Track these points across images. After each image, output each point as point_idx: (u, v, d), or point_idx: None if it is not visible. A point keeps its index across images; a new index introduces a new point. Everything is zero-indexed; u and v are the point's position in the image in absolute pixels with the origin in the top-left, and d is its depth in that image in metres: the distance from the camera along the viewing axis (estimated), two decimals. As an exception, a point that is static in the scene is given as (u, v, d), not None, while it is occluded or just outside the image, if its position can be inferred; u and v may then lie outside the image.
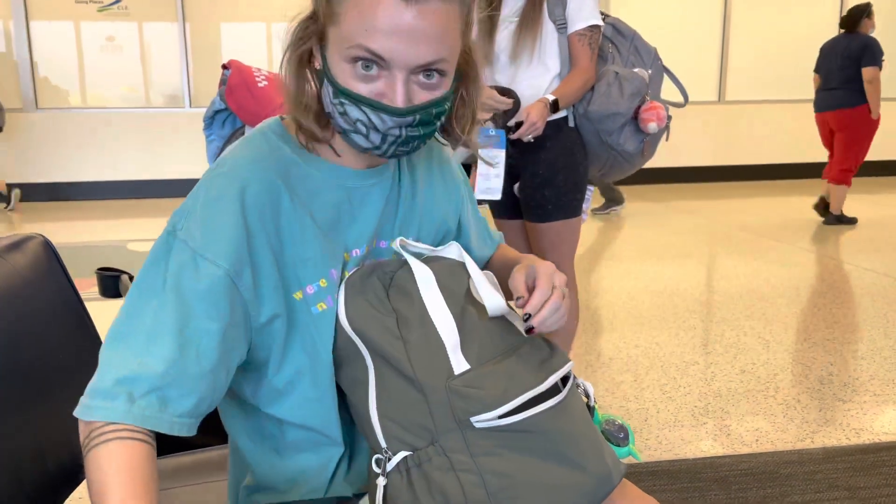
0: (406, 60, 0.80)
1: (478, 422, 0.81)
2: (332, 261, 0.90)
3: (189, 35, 7.26)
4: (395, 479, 0.84)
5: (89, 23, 7.13)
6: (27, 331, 1.02)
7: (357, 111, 0.83)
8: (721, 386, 2.63)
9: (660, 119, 2.07)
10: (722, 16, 7.89)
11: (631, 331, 3.23)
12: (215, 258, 0.81)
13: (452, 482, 0.81)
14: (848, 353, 2.93)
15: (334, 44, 0.82)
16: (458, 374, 0.83)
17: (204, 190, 0.85)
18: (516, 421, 0.82)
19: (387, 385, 0.85)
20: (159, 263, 0.82)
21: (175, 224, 0.84)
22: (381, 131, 0.84)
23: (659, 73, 2.16)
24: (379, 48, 0.79)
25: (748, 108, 8.03)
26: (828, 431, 2.28)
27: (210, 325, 0.81)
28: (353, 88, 0.82)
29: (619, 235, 5.31)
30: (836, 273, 4.21)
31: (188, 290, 0.80)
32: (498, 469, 0.81)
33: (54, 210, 6.70)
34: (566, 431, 0.85)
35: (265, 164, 0.87)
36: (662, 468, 2.05)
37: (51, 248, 1.13)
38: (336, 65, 0.83)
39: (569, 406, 0.87)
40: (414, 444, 0.84)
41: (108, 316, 1.77)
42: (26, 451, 0.96)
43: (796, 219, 5.87)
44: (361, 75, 0.81)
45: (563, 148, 2.12)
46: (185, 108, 7.29)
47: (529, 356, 0.88)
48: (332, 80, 0.84)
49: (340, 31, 0.81)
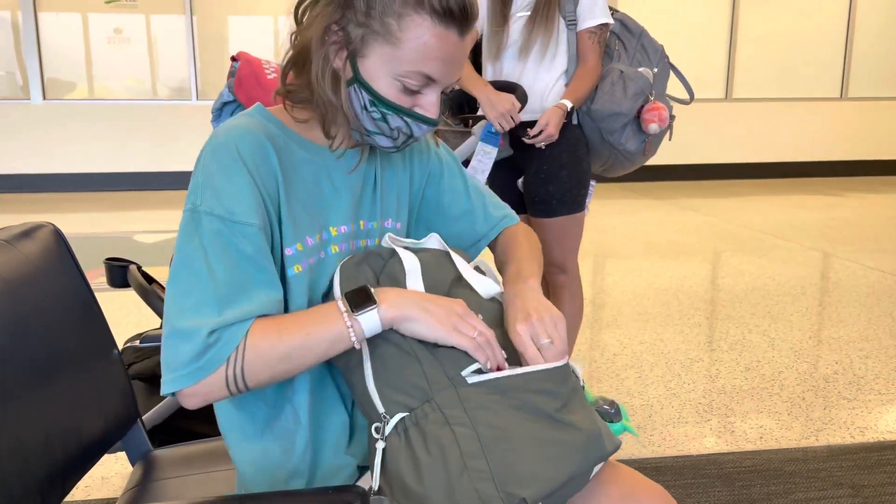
0: (450, 81, 0.94)
1: (470, 377, 0.87)
2: (309, 229, 0.96)
3: (196, 28, 7.26)
4: (393, 442, 0.86)
5: (97, 14, 7.14)
6: (37, 318, 1.02)
7: (398, 120, 0.93)
8: (725, 383, 2.63)
9: (661, 120, 2.06)
10: (729, 13, 7.86)
11: (636, 327, 3.23)
12: (246, 218, 0.87)
13: (447, 435, 0.84)
14: (853, 351, 2.93)
15: (382, 60, 0.90)
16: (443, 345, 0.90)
17: (208, 162, 0.90)
18: (510, 376, 0.87)
19: (380, 355, 0.90)
20: (192, 240, 0.87)
21: (194, 202, 0.88)
22: (413, 136, 0.96)
23: (665, 71, 2.15)
24: (434, 73, 0.91)
25: (755, 106, 8.00)
26: (832, 429, 2.28)
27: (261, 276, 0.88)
28: (397, 101, 0.92)
29: (625, 232, 5.30)
30: (842, 272, 4.20)
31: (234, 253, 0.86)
32: (491, 422, 0.84)
33: (62, 201, 6.72)
34: (557, 391, 0.89)
35: (253, 129, 0.93)
36: (666, 464, 2.05)
37: (61, 237, 1.14)
38: (378, 78, 0.91)
39: (563, 373, 0.92)
40: (410, 404, 0.87)
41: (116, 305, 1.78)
42: (35, 438, 0.96)
43: (802, 217, 5.86)
44: (408, 93, 0.92)
45: (567, 144, 2.13)
46: (192, 101, 7.30)
47: None
48: (371, 91, 0.91)
49: (396, 53, 0.89)
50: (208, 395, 0.85)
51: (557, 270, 2.24)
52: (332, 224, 0.99)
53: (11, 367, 0.95)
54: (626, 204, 6.53)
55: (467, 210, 1.16)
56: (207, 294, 0.84)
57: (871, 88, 8.18)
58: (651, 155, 2.19)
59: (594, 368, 2.77)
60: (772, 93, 8.04)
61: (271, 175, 0.92)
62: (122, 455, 2.00)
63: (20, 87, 7.16)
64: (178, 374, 0.84)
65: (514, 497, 0.80)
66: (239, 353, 0.84)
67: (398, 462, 0.85)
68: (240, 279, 0.86)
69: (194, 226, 0.87)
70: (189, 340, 0.83)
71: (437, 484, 0.82)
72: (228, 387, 0.85)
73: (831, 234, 5.20)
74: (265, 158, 0.92)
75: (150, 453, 1.25)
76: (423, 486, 0.83)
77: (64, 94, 7.22)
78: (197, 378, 0.84)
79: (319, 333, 0.86)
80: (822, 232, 5.29)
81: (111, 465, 2.06)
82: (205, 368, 0.83)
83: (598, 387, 2.60)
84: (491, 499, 0.80)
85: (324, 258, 0.98)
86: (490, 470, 0.82)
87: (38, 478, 0.95)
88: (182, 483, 1.17)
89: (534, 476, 0.82)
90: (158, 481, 1.18)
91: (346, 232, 1.00)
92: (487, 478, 0.81)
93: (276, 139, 0.95)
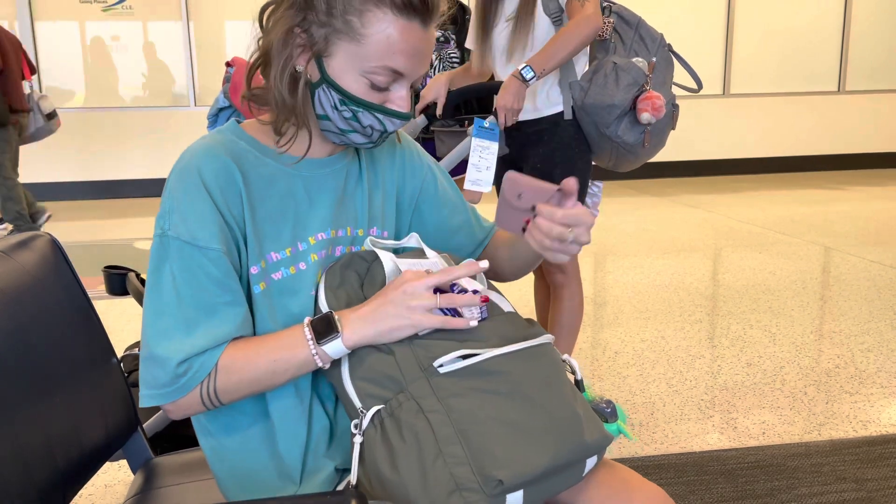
0: (417, 74, 0.94)
1: (441, 366, 0.87)
2: (276, 244, 0.96)
3: (193, 34, 7.27)
4: (369, 434, 0.87)
5: (94, 22, 7.14)
6: (35, 328, 1.03)
7: (371, 118, 0.94)
8: (727, 379, 2.63)
9: (655, 109, 2.00)
10: (726, 9, 7.86)
11: (636, 325, 3.23)
12: (208, 243, 0.90)
13: (422, 422, 0.84)
14: (854, 345, 2.93)
15: (348, 58, 0.91)
16: (424, 333, 0.90)
17: (172, 187, 0.92)
18: (479, 361, 0.87)
19: (356, 351, 0.91)
20: (163, 265, 0.90)
21: (162, 226, 0.91)
22: (387, 132, 0.97)
23: (665, 59, 2.10)
24: (400, 66, 0.91)
25: (753, 101, 8.00)
26: (835, 424, 2.28)
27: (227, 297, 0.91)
28: (366, 98, 0.92)
29: (625, 230, 5.30)
30: (843, 265, 4.19)
31: (201, 276, 0.89)
32: (464, 408, 0.84)
33: (60, 209, 6.72)
34: (531, 376, 0.88)
35: (216, 149, 0.95)
36: (669, 462, 2.05)
37: (58, 247, 1.14)
38: (346, 76, 0.92)
39: (538, 357, 0.91)
40: (384, 396, 0.88)
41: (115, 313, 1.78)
42: (35, 447, 0.96)
43: (801, 212, 5.86)
44: (377, 89, 0.92)
45: (559, 142, 2.11)
46: (190, 107, 7.30)
47: (503, 325, 0.94)
48: (340, 90, 0.92)
49: (361, 49, 0.90)
50: (187, 410, 0.92)
51: (556, 270, 2.24)
52: (311, 233, 0.99)
53: (11, 377, 0.95)
54: (626, 201, 6.53)
55: (465, 220, 1.17)
56: (178, 318, 0.89)
57: (869, 81, 8.18)
58: (656, 147, 2.13)
59: (596, 367, 2.76)
60: (770, 88, 8.04)
61: (236, 196, 0.93)
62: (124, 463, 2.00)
63: (18, 96, 7.16)
64: (154, 393, 0.90)
65: (490, 479, 0.80)
66: (211, 378, 0.89)
67: (374, 452, 0.85)
68: (208, 302, 0.89)
69: (164, 250, 0.90)
70: (161, 367, 0.88)
71: (412, 470, 0.82)
72: (204, 404, 0.91)
73: (832, 228, 5.20)
74: (229, 180, 0.93)
75: (151, 461, 1.25)
76: (398, 474, 0.82)
77: (62, 102, 7.23)
78: (171, 399, 0.89)
79: (287, 360, 0.90)
80: (823, 226, 5.29)
81: (114, 473, 2.07)
82: (178, 392, 0.89)
83: (600, 385, 2.60)
84: (467, 482, 0.80)
85: (304, 269, 0.98)
86: (466, 455, 0.81)
87: (39, 486, 0.95)
88: (183, 490, 1.18)
89: (510, 459, 0.81)
90: (160, 489, 1.18)
91: (325, 239, 1.00)
92: (463, 462, 0.81)
93: (244, 156, 0.96)
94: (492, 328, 0.93)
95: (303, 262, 0.97)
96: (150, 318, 0.90)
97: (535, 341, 0.92)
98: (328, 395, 1.00)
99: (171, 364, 0.87)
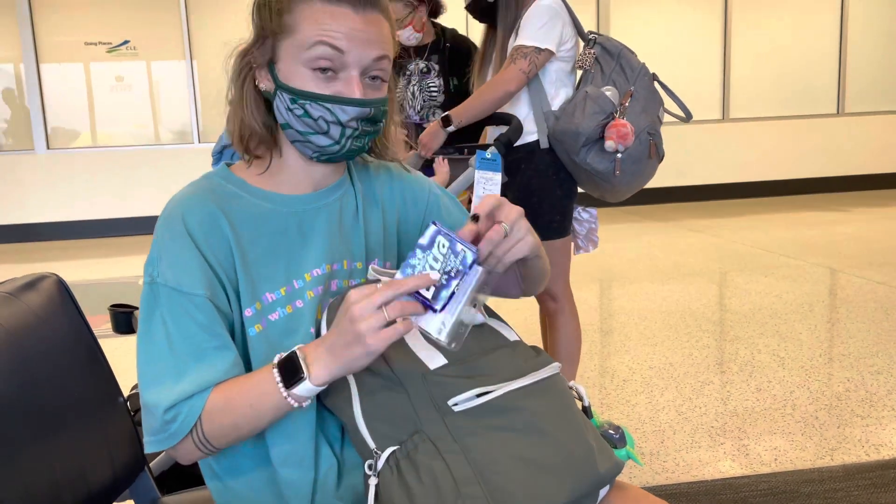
0: (360, 56, 0.92)
1: (456, 405, 0.86)
2: (271, 284, 0.96)
3: (197, 72, 7.36)
4: (385, 476, 0.86)
5: (99, 63, 7.25)
6: (42, 368, 1.03)
7: (320, 109, 0.93)
8: (737, 405, 2.60)
9: (621, 137, 2.00)
10: (722, 35, 7.94)
11: (644, 352, 3.21)
12: (192, 289, 0.91)
13: (439, 464, 0.83)
14: (864, 367, 2.91)
15: (290, 54, 0.93)
16: (436, 369, 0.89)
17: (160, 234, 0.94)
18: (493, 398, 0.86)
19: (369, 390, 0.90)
20: (154, 311, 0.91)
21: (151, 273, 0.92)
22: (342, 123, 0.93)
23: (646, 89, 2.11)
24: (338, 43, 0.90)
25: (752, 125, 8.04)
26: (847, 448, 2.25)
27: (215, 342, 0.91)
28: (316, 90, 0.92)
29: (629, 256, 5.30)
30: (849, 287, 4.18)
31: (190, 322, 0.90)
32: (481, 447, 0.84)
33: (68, 249, 6.76)
34: (544, 410, 0.88)
35: (199, 196, 0.96)
36: (681, 490, 2.03)
37: (64, 287, 1.15)
38: (293, 73, 0.93)
39: (549, 389, 0.91)
40: (399, 437, 0.87)
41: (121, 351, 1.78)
42: (42, 488, 0.96)
43: (805, 234, 5.85)
44: (321, 77, 0.92)
45: (535, 171, 2.16)
46: (194, 144, 7.37)
47: (510, 356, 0.93)
48: (288, 89, 0.93)
49: (296, 39, 0.92)
50: (190, 455, 0.92)
51: (548, 297, 2.26)
52: (306, 270, 0.98)
53: (17, 417, 0.95)
54: (630, 227, 6.53)
55: None
56: (167, 364, 0.89)
57: (868, 103, 8.22)
58: (637, 176, 2.10)
59: (604, 395, 2.75)
60: (769, 111, 8.09)
61: (222, 242, 0.94)
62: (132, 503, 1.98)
63: (24, 137, 7.25)
64: (151, 440, 0.91)
65: None
66: (199, 426, 0.89)
67: (391, 495, 0.84)
68: (197, 347, 0.90)
69: (153, 297, 0.91)
70: (151, 414, 0.90)
71: None
72: (200, 450, 0.91)
73: (836, 250, 5.18)
74: (214, 227, 0.94)
75: (158, 501, 1.24)
76: None
77: (68, 142, 7.30)
78: (167, 445, 0.90)
79: (263, 404, 0.88)
80: (827, 248, 5.28)
81: (121, 513, 2.05)
82: (171, 439, 0.89)
83: (609, 414, 2.57)
84: None
85: (301, 307, 0.96)
86: (485, 495, 0.81)
87: (45, 530, 0.95)
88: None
89: (529, 497, 0.81)
90: (167, 528, 1.17)
91: (321, 275, 0.98)
92: (483, 502, 0.81)
93: (231, 200, 0.97)
94: (501, 360, 0.92)
95: (299, 300, 0.97)
96: (141, 365, 0.91)
97: (545, 373, 0.92)
98: (335, 436, 0.98)
99: (160, 411, 0.88)
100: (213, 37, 7.34)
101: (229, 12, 7.32)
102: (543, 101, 2.15)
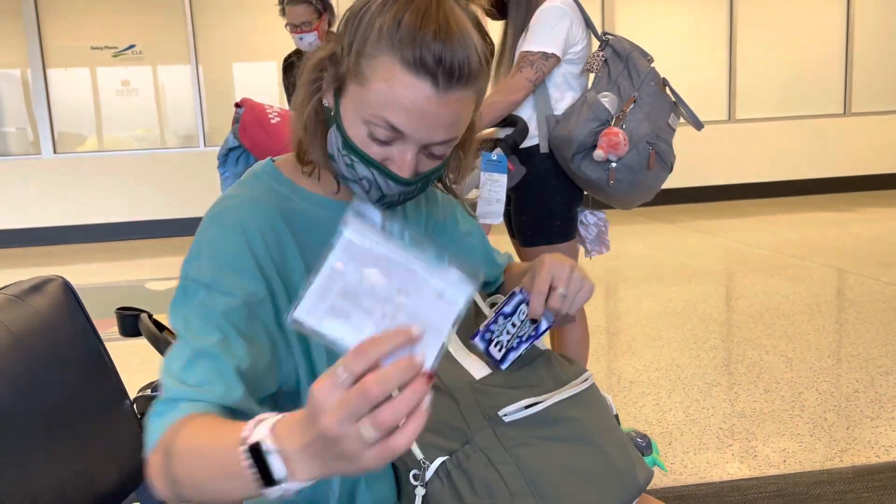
0: (421, 138, 0.83)
1: (506, 415, 0.86)
2: None
3: (202, 76, 7.38)
4: (434, 487, 0.85)
5: (105, 68, 7.28)
6: (49, 371, 1.03)
7: (364, 170, 0.85)
8: (745, 406, 2.59)
9: (612, 146, 1.93)
10: (727, 36, 7.93)
11: (651, 354, 3.20)
12: (229, 290, 0.82)
13: (493, 476, 0.83)
14: (873, 368, 2.89)
15: (354, 101, 0.84)
16: (481, 378, 0.89)
17: (206, 232, 0.87)
18: (543, 409, 0.87)
19: None
20: (183, 307, 0.83)
21: (186, 272, 0.86)
22: (382, 192, 0.87)
23: (652, 95, 2.05)
24: (399, 123, 0.81)
25: (758, 126, 8.02)
26: (856, 449, 2.24)
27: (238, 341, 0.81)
28: (364, 148, 0.84)
29: (635, 257, 5.29)
30: (857, 288, 4.16)
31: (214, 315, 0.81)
32: (532, 458, 0.84)
33: (75, 252, 6.78)
34: (589, 419, 0.89)
35: (262, 203, 0.90)
36: (689, 492, 2.02)
37: (70, 290, 1.15)
38: (350, 120, 0.85)
39: (591, 399, 0.93)
40: (449, 447, 0.86)
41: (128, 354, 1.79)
42: (50, 490, 0.96)
43: (812, 235, 5.83)
44: (377, 142, 0.84)
45: (535, 175, 2.15)
46: (200, 148, 7.39)
47: (548, 366, 0.95)
48: (342, 131, 0.86)
49: (364, 95, 0.82)
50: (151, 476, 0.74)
51: None
52: None
53: (24, 420, 0.95)
54: (636, 228, 6.52)
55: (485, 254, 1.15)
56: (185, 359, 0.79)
57: (875, 103, 8.19)
58: (635, 187, 2.04)
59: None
60: (775, 112, 8.06)
61: (278, 244, 0.89)
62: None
63: (31, 142, 7.28)
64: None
65: None
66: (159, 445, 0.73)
67: None
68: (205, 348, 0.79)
69: (184, 295, 0.84)
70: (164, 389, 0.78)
71: None
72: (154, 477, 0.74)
73: (844, 251, 5.16)
74: (274, 235, 0.88)
75: None
76: None
77: (74, 147, 7.33)
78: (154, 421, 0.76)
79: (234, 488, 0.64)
80: (835, 248, 5.26)
81: (128, 517, 2.05)
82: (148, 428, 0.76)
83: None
84: None
85: None
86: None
87: (52, 533, 0.95)
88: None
89: None
90: (174, 531, 1.17)
91: None
92: None
93: (287, 203, 0.92)
94: (541, 370, 0.95)
95: None
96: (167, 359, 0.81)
97: (586, 383, 0.94)
98: None
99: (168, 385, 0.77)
100: (218, 41, 7.37)
101: (235, 16, 7.36)
102: (547, 105, 2.13)
